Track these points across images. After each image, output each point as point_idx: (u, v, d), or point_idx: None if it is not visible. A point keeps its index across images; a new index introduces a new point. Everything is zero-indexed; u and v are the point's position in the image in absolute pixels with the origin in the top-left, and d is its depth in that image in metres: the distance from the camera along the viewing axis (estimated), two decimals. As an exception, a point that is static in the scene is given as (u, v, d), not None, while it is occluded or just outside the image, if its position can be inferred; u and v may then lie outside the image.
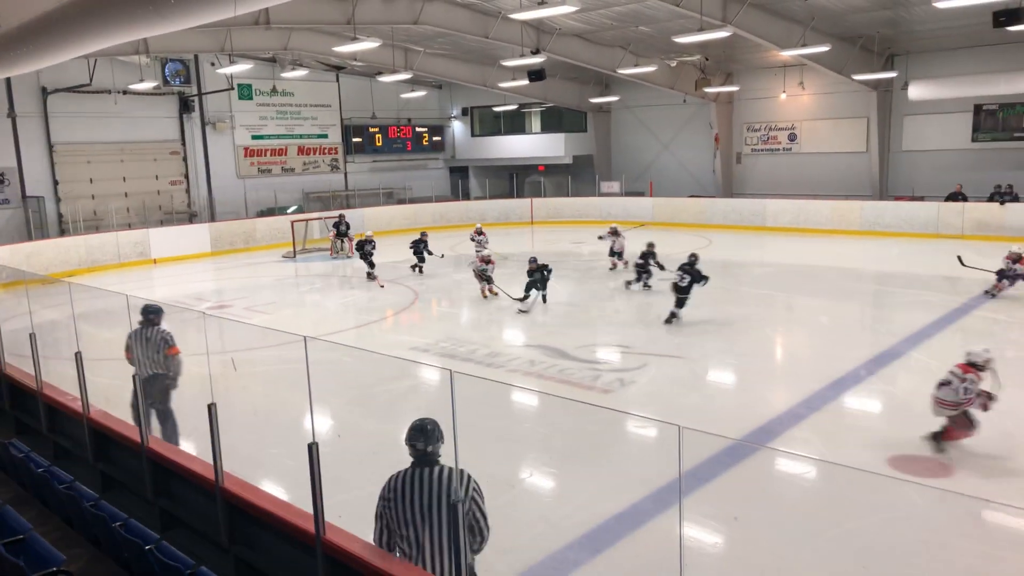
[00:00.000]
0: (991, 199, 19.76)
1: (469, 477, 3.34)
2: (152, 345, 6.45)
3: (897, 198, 22.20)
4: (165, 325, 6.63)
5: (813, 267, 15.79)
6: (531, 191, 29.29)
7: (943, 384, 6.39)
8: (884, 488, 5.79)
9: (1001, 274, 12.12)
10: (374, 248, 15.98)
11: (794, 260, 15.53)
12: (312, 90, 26.59)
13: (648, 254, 13.69)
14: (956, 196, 20.42)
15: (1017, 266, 11.90)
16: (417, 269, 16.29)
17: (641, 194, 26.94)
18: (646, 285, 13.66)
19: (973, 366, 6.54)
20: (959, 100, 21.08)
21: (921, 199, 21.30)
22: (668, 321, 11.03)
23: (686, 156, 27.36)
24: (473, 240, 17.99)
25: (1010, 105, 21.00)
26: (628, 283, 13.92)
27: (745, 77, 25.14)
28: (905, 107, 22.34)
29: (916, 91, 20.54)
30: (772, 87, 25.01)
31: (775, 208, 22.91)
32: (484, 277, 13.43)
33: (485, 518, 3.35)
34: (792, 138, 25.34)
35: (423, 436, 3.40)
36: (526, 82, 21.35)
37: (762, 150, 26.12)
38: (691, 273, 11.04)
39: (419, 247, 16.36)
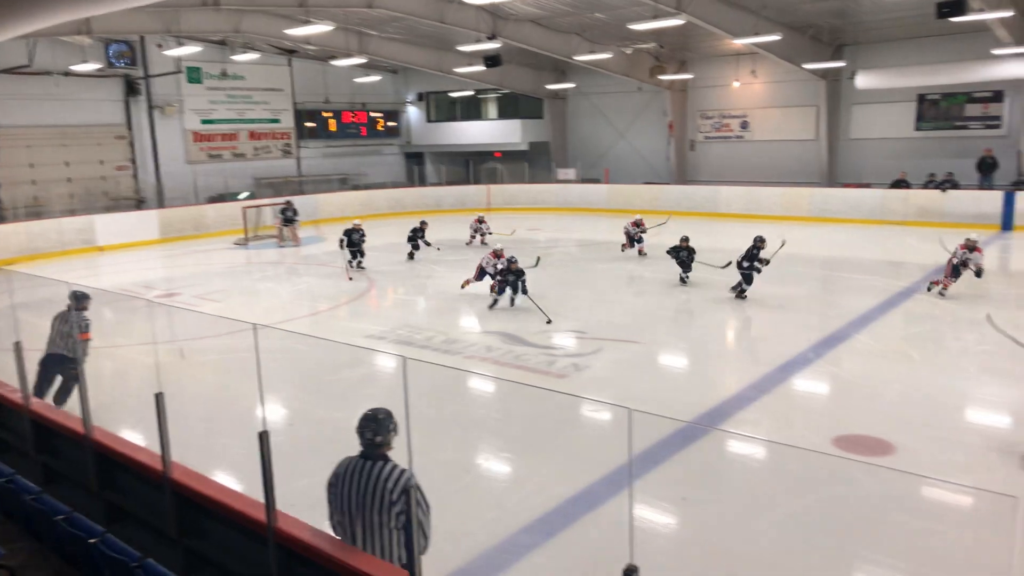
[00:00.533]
0: (926, 186, 20.38)
1: (414, 486, 3.26)
2: (68, 326, 6.76)
3: (845, 185, 22.73)
4: (88, 314, 6.92)
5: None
6: (487, 177, 29.22)
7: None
8: (829, 467, 5.97)
9: (955, 269, 11.34)
10: (363, 237, 15.07)
11: (745, 245, 15.70)
12: (264, 74, 26.06)
13: (681, 248, 13.09)
14: (900, 183, 20.99)
15: (973, 254, 11.19)
16: (410, 257, 16.12)
17: (597, 181, 27.10)
18: (683, 279, 13.07)
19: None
20: (904, 90, 21.64)
21: (868, 186, 21.85)
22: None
23: (641, 143, 27.58)
24: (474, 229, 17.93)
25: (952, 95, 21.63)
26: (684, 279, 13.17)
27: (699, 65, 25.41)
28: (853, 96, 22.84)
29: (863, 81, 21.00)
30: (725, 75, 25.33)
31: (727, 194, 23.27)
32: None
33: (423, 526, 3.29)
34: (744, 126, 25.72)
35: (373, 426, 3.39)
36: (482, 68, 21.26)
37: (715, 137, 26.46)
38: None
39: (416, 236, 16.21)
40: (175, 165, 23.87)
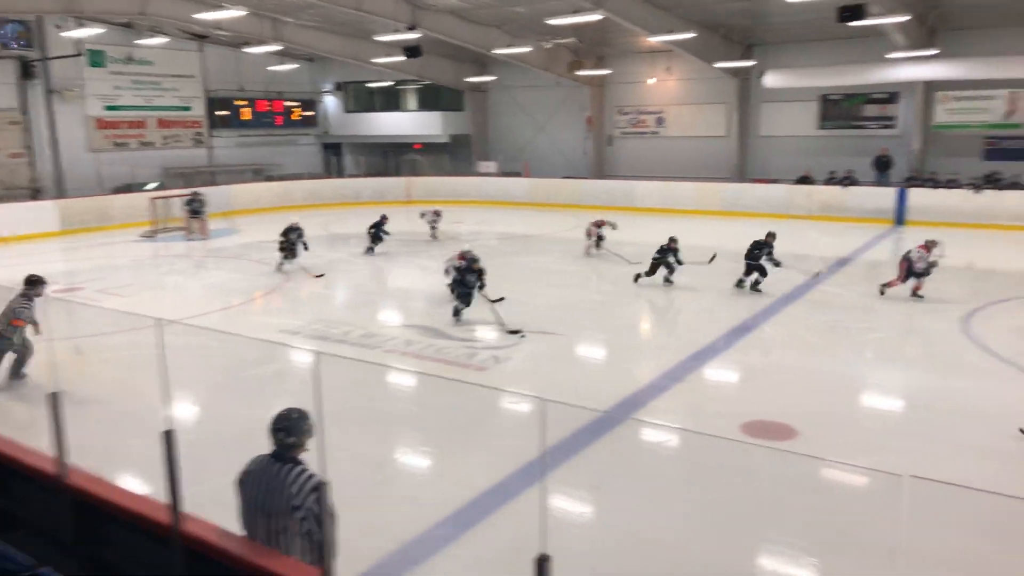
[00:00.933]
0: (828, 183, 21.40)
1: (321, 492, 3.18)
2: (7, 308, 7.61)
3: (754, 180, 23.58)
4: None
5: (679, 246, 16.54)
6: (407, 169, 28.97)
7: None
8: (736, 452, 6.21)
9: (917, 272, 11.05)
10: (300, 236, 14.21)
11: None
12: (173, 59, 25.02)
13: (668, 249, 12.53)
14: (805, 179, 21.93)
15: (931, 253, 11.00)
16: (369, 251, 15.83)
17: (517, 174, 27.24)
18: (667, 280, 12.46)
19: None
20: (808, 90, 22.61)
21: (776, 182, 22.72)
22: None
23: (560, 137, 27.86)
24: (425, 218, 17.60)
25: (852, 96, 22.74)
26: (666, 279, 12.52)
27: (616, 61, 25.84)
28: (762, 95, 23.68)
29: (771, 80, 21.82)
30: (641, 72, 25.85)
31: (644, 189, 23.78)
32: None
33: (331, 534, 3.21)
34: (660, 122, 26.32)
35: (286, 425, 3.34)
36: (402, 58, 21.02)
37: (632, 133, 26.99)
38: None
39: (378, 229, 15.93)
40: (76, 153, 22.66)
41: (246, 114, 27.44)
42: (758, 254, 12.01)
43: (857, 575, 4.49)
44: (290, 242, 14.03)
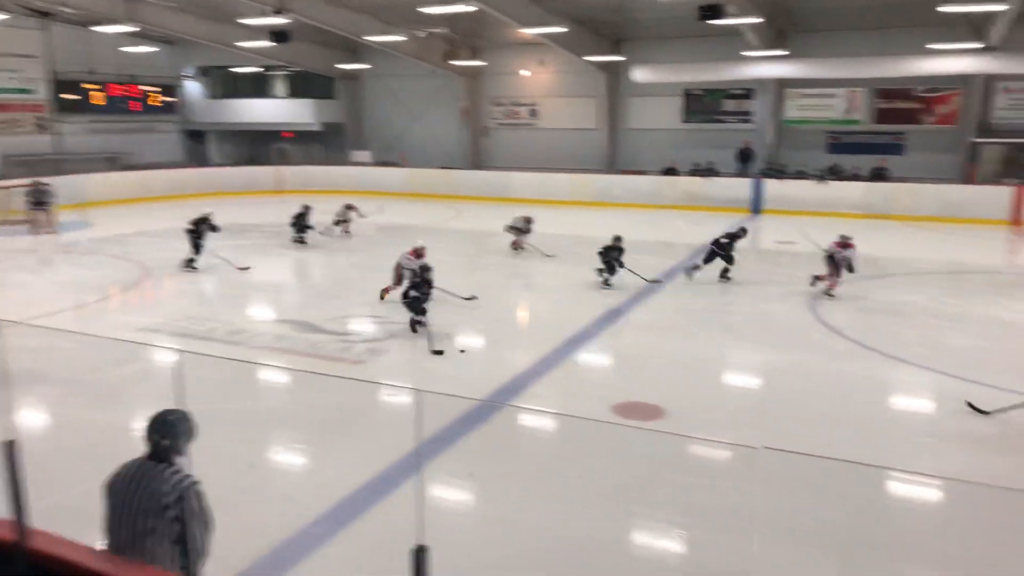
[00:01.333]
0: (692, 174, 22.52)
1: (195, 492, 3.08)
2: None
3: (624, 172, 24.42)
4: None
5: (554, 235, 16.88)
6: (278, 159, 27.98)
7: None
8: (608, 433, 6.44)
9: (833, 264, 11.04)
10: (212, 228, 13.23)
11: (536, 229, 16.49)
12: (11, 38, 22.89)
13: (612, 248, 11.93)
14: (670, 171, 22.94)
15: (848, 251, 10.97)
16: (299, 242, 15.25)
17: (393, 164, 26.91)
18: (606, 283, 11.78)
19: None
20: (673, 84, 23.61)
21: (644, 173, 23.63)
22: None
23: (436, 128, 27.74)
24: (340, 216, 16.61)
25: (713, 91, 23.94)
26: (605, 278, 11.81)
27: (491, 53, 25.97)
28: (630, 89, 24.51)
29: (638, 75, 22.60)
30: (515, 64, 26.13)
31: (519, 180, 24.09)
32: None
33: (199, 539, 3.12)
34: (533, 114, 26.72)
35: (161, 428, 3.17)
36: (269, 43, 20.22)
37: (507, 124, 27.25)
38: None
39: (301, 221, 15.34)
40: None
41: (98, 99, 25.61)
42: (727, 243, 12.19)
43: (719, 544, 4.77)
44: (199, 233, 13.06)
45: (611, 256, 11.75)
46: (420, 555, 3.03)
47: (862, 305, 10.78)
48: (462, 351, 8.63)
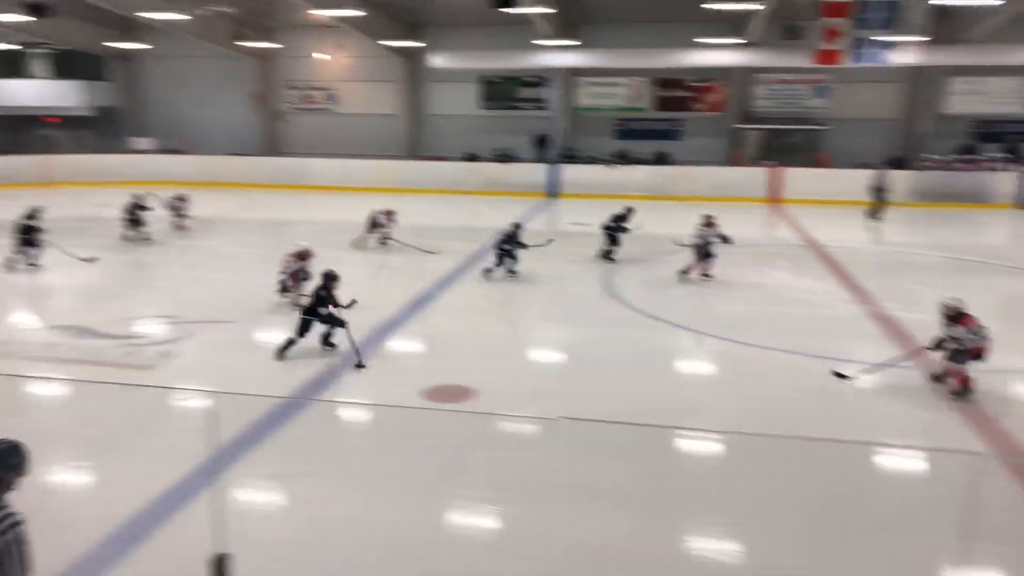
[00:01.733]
0: (491, 160, 23.11)
1: (16, 535, 2.89)
2: None
3: (426, 158, 24.51)
4: None
5: (356, 223, 16.58)
6: (42, 146, 25.03)
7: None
8: (421, 418, 6.49)
9: (701, 249, 11.28)
10: (39, 231, 11.94)
11: (340, 217, 16.12)
12: None
13: (512, 236, 11.55)
14: (471, 156, 23.36)
15: (711, 229, 11.26)
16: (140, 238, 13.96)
17: (179, 152, 25.06)
18: (511, 271, 11.52)
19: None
20: (471, 71, 24.00)
21: (445, 159, 23.86)
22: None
23: (227, 112, 26.20)
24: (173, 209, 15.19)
25: (509, 79, 24.62)
26: (509, 266, 11.55)
27: (284, 35, 24.91)
28: (429, 75, 24.59)
29: (436, 61, 22.74)
30: (310, 47, 25.27)
31: (320, 167, 23.40)
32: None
33: (22, 568, 2.88)
34: (331, 99, 26.02)
35: None
36: (26, 18, 17.93)
37: (304, 109, 26.33)
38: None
39: (135, 213, 14.11)
40: None
41: None
42: (614, 227, 12.70)
43: (526, 513, 4.99)
44: (28, 229, 11.95)
45: (511, 244, 11.44)
46: (221, 563, 2.90)
47: (648, 279, 11.65)
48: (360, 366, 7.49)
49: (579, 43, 22.52)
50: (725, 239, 11.26)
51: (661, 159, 23.16)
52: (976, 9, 18.66)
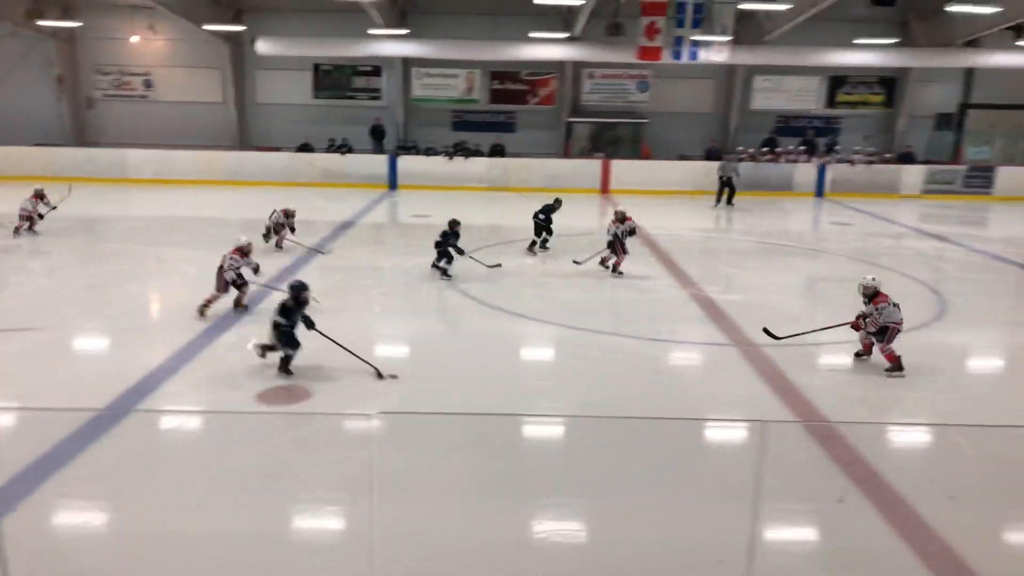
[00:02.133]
0: (328, 150, 22.49)
1: None
2: None
3: (256, 148, 23.41)
4: None
5: (180, 218, 15.63)
6: None
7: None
8: (256, 421, 6.21)
9: (612, 244, 11.41)
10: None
11: (160, 212, 15.06)
12: None
13: (450, 234, 10.99)
14: (305, 147, 22.60)
15: (625, 224, 11.34)
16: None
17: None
18: (445, 274, 11.01)
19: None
20: (302, 59, 23.18)
21: (278, 150, 22.91)
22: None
23: (25, 98, 23.69)
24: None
25: (342, 67, 24.02)
26: (443, 268, 11.02)
27: (88, 14, 22.82)
28: (257, 62, 23.49)
29: (263, 47, 21.76)
30: (121, 28, 23.35)
31: (137, 159, 21.68)
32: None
33: None
34: (148, 85, 24.23)
35: None
36: None
37: (117, 96, 24.32)
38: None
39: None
40: None
41: None
42: (544, 217, 12.66)
43: (357, 510, 4.92)
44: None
45: (448, 243, 10.96)
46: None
47: (492, 269, 11.82)
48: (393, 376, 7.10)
49: (412, 33, 22.36)
50: (633, 231, 11.41)
51: (498, 151, 23.53)
52: (773, 13, 20.46)
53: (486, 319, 9.40)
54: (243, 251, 9.09)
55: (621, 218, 11.37)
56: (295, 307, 7.15)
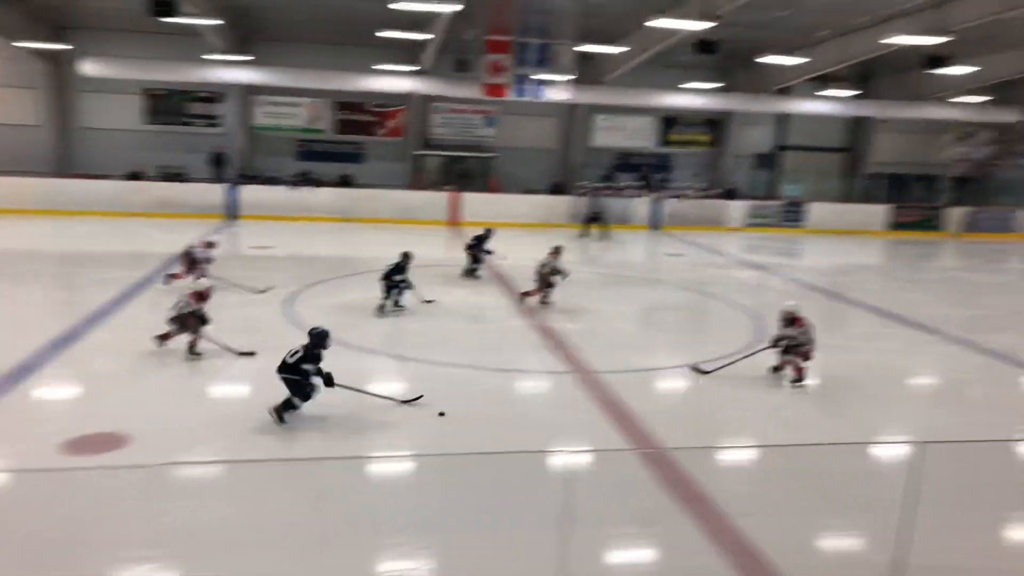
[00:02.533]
0: (164, 179, 21.29)
1: None
2: None
3: (79, 175, 21.71)
4: None
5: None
6: None
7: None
8: (58, 479, 5.65)
9: (545, 279, 11.56)
10: None
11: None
12: None
13: (401, 267, 10.82)
14: (136, 175, 21.24)
15: (558, 260, 11.61)
16: None
17: None
18: (397, 304, 10.86)
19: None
20: (132, 82, 21.87)
21: (105, 177, 21.36)
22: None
23: None
24: None
25: (177, 92, 22.87)
26: (395, 299, 10.84)
27: None
28: (82, 83, 21.91)
29: (89, 68, 20.35)
30: (-86, 39, 20.95)
31: (-66, 184, 19.43)
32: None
33: None
34: (-50, 103, 21.92)
35: None
36: None
37: (-90, 114, 21.81)
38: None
39: None
40: None
41: None
42: (475, 245, 13.27)
43: (187, 562, 4.58)
44: None
45: (398, 276, 10.80)
46: None
47: (332, 303, 11.52)
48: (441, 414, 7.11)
49: (254, 59, 21.68)
50: (563, 272, 11.56)
51: (345, 181, 23.16)
52: (610, 56, 21.64)
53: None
54: (201, 293, 8.60)
55: (554, 252, 11.72)
56: (318, 355, 6.96)
